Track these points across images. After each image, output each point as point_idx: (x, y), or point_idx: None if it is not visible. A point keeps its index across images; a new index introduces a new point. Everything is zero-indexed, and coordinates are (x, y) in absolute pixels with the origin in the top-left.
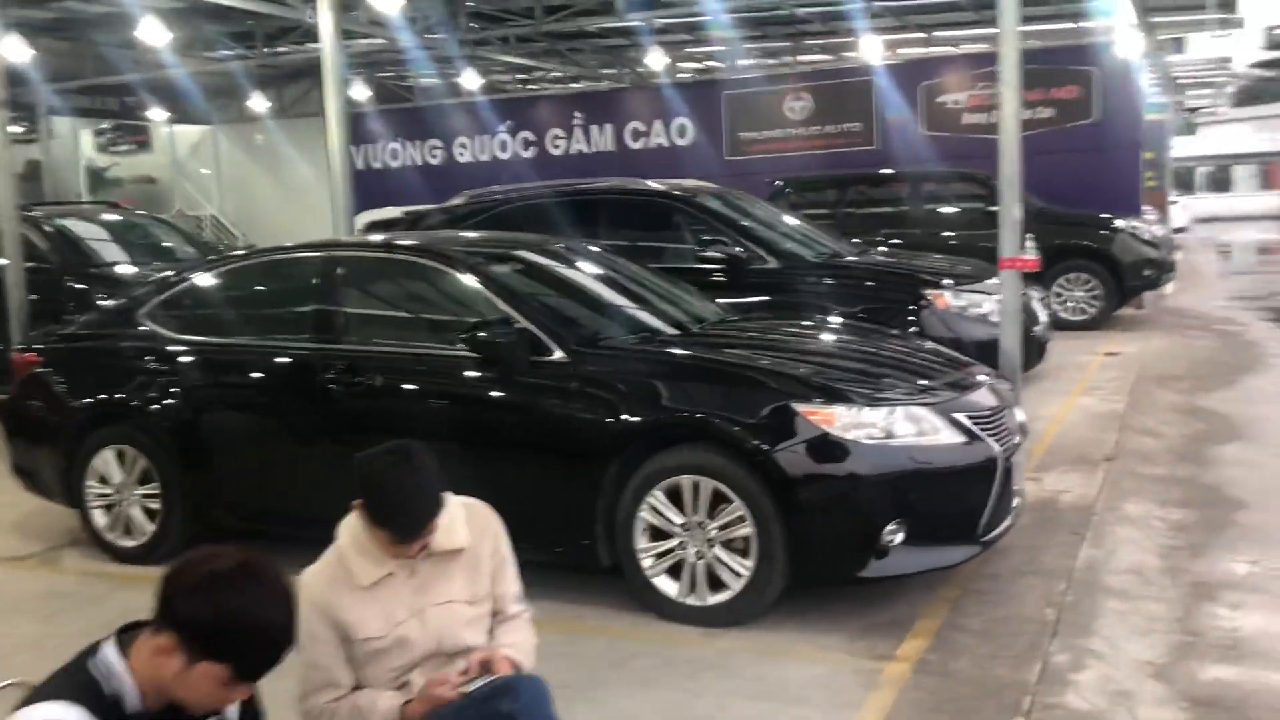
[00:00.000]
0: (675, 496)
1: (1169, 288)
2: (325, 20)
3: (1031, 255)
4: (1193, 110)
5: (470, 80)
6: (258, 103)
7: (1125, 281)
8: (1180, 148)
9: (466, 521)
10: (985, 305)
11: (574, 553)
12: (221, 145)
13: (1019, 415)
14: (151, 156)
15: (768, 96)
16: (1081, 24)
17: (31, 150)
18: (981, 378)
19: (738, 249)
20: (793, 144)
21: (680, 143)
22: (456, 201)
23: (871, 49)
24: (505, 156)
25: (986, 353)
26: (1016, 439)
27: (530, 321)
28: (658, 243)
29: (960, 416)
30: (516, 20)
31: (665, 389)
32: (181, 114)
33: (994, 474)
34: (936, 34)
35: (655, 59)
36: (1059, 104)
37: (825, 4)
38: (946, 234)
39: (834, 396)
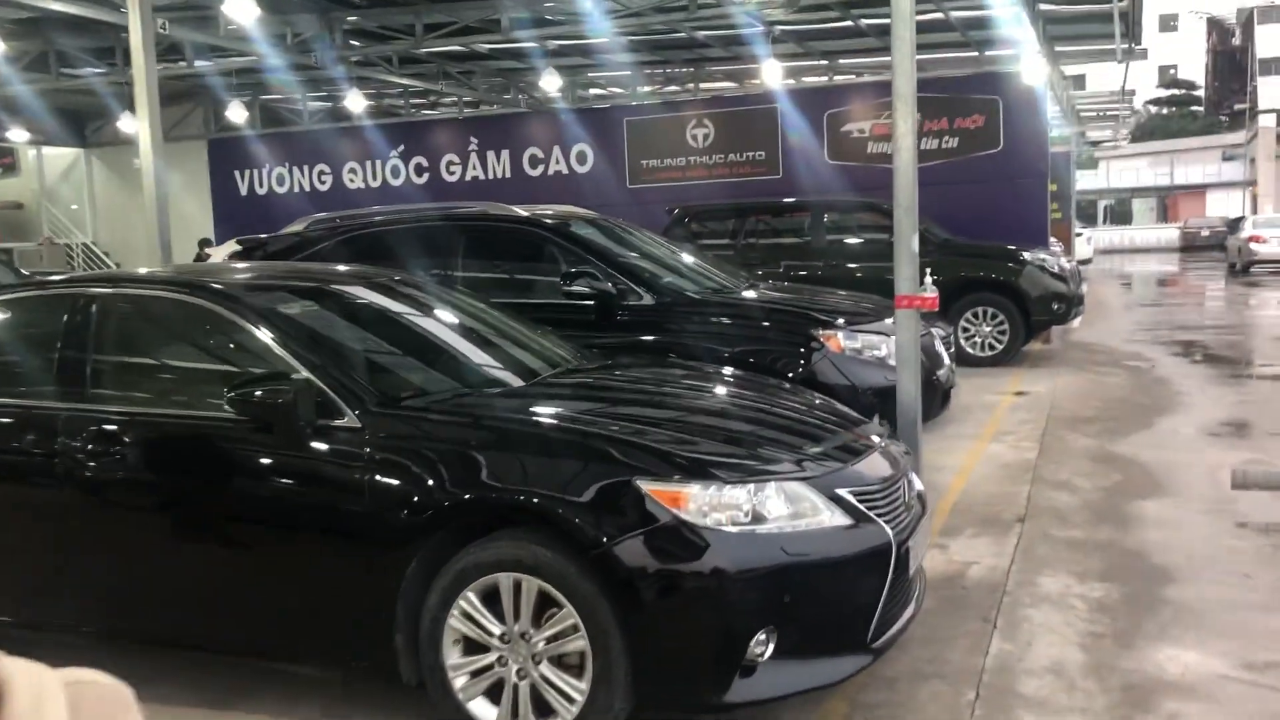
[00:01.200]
0: (493, 600)
1: (1076, 322)
2: (135, 21)
3: (930, 293)
4: (1094, 144)
5: (355, 102)
6: (132, 124)
7: (1033, 316)
8: (1082, 181)
9: None
10: (884, 347)
11: (376, 666)
12: (95, 170)
13: (916, 484)
14: (18, 180)
15: (670, 123)
16: (987, 52)
17: None
18: (874, 438)
19: (608, 284)
20: (696, 172)
21: (580, 170)
22: (295, 228)
23: (773, 76)
24: (397, 183)
25: (884, 401)
26: (914, 515)
27: (317, 375)
28: (524, 275)
29: (846, 493)
30: (399, 36)
31: (482, 460)
32: (48, 136)
33: (887, 563)
34: (841, 62)
35: (549, 81)
36: (964, 133)
37: (725, 28)
38: (851, 266)
39: (691, 472)
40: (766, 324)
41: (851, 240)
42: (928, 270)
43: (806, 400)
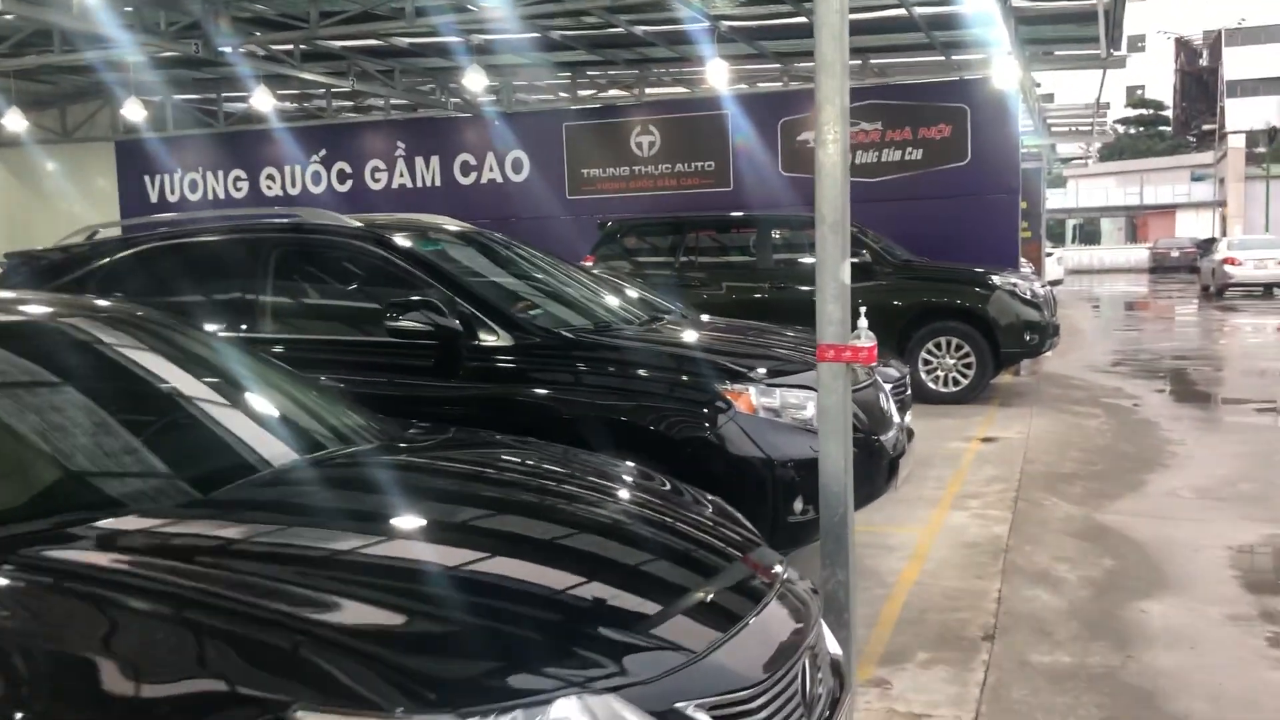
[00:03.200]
0: None
1: (1051, 351)
2: None
3: (865, 342)
4: (1065, 161)
5: (263, 101)
6: (36, 122)
7: (1003, 347)
8: (1051, 199)
9: None
10: (810, 406)
11: None
12: None
13: (828, 648)
14: None
15: (612, 129)
16: (954, 56)
17: None
18: (770, 573)
19: (452, 319)
20: (640, 183)
21: (515, 178)
22: (75, 240)
23: (720, 78)
24: (318, 190)
25: (808, 478)
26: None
27: None
28: (345, 304)
29: (693, 712)
30: (297, 24)
31: None
32: None
33: None
34: (796, 65)
35: (474, 80)
36: (929, 144)
37: (667, 23)
38: (802, 289)
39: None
40: (658, 374)
41: (803, 260)
42: (860, 309)
43: (683, 506)
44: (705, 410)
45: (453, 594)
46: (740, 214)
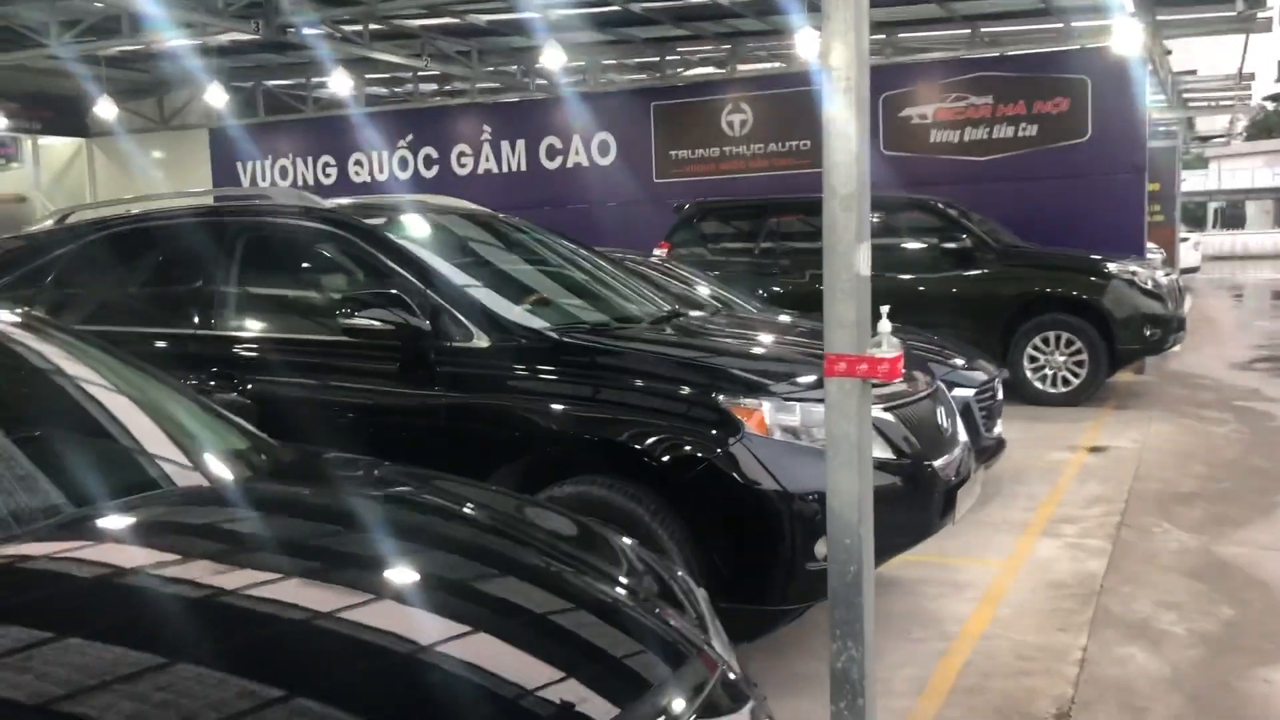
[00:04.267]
0: None
1: (1177, 348)
2: None
3: (888, 352)
4: (1204, 140)
5: (340, 83)
6: (135, 110)
7: (1119, 343)
8: (1190, 181)
9: None
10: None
11: None
12: (97, 160)
13: None
14: (20, 172)
15: (702, 108)
16: (1074, 23)
17: None
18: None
19: (421, 317)
20: (732, 164)
21: (602, 162)
22: (47, 224)
23: (812, 50)
24: (405, 176)
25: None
26: None
27: None
28: (309, 295)
29: None
30: (361, 1)
31: None
32: (47, 124)
33: None
34: (901, 35)
35: (552, 57)
36: (1044, 120)
37: None
38: (894, 277)
39: None
40: (655, 385)
41: (893, 245)
42: (882, 311)
43: (653, 591)
44: (708, 430)
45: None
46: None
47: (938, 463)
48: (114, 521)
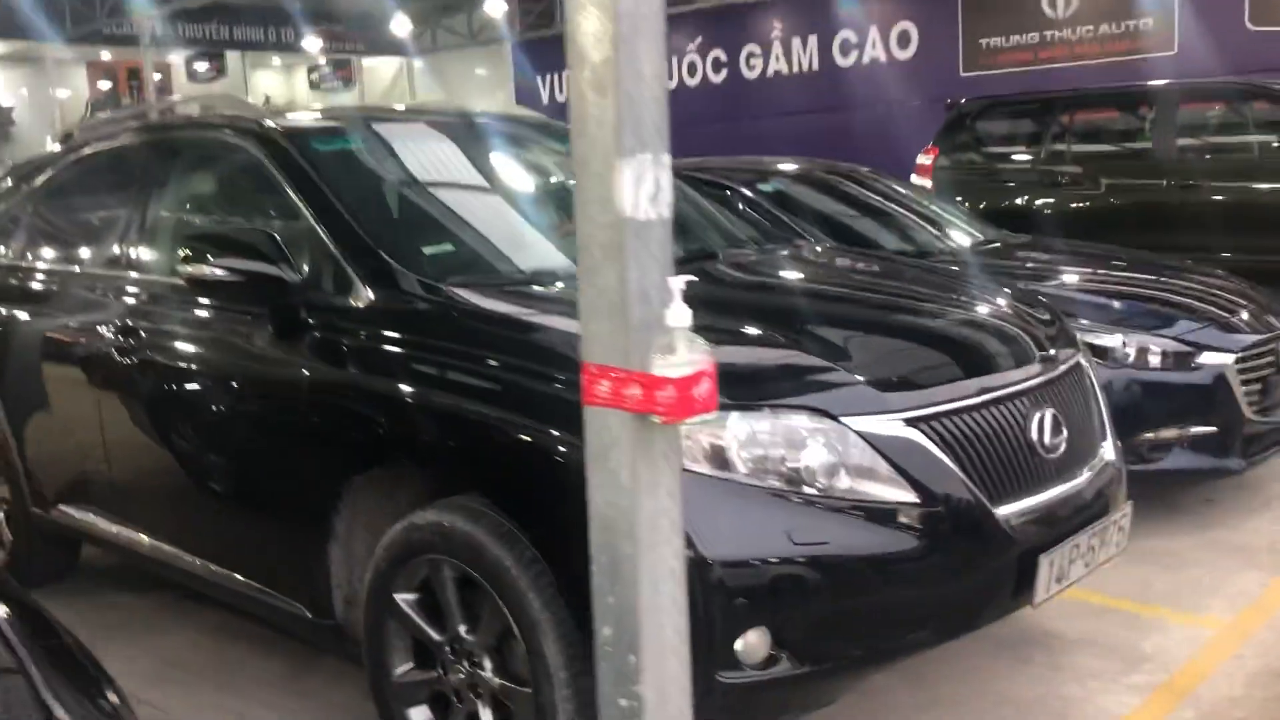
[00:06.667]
0: None
1: None
2: None
3: (683, 364)
4: None
5: None
6: (447, 27)
7: None
8: None
9: None
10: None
11: None
12: (417, 79)
13: None
14: (350, 94)
15: None
16: None
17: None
18: None
19: (300, 264)
20: (1054, 52)
21: (901, 55)
22: (56, 149)
23: None
24: (693, 82)
25: (787, 599)
26: None
27: None
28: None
29: None
30: None
31: None
32: (369, 45)
33: None
34: None
35: None
36: None
37: None
38: (1214, 187)
39: None
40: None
41: (1222, 146)
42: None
43: None
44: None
45: None
46: (1132, 87)
47: (1010, 509)
48: None
